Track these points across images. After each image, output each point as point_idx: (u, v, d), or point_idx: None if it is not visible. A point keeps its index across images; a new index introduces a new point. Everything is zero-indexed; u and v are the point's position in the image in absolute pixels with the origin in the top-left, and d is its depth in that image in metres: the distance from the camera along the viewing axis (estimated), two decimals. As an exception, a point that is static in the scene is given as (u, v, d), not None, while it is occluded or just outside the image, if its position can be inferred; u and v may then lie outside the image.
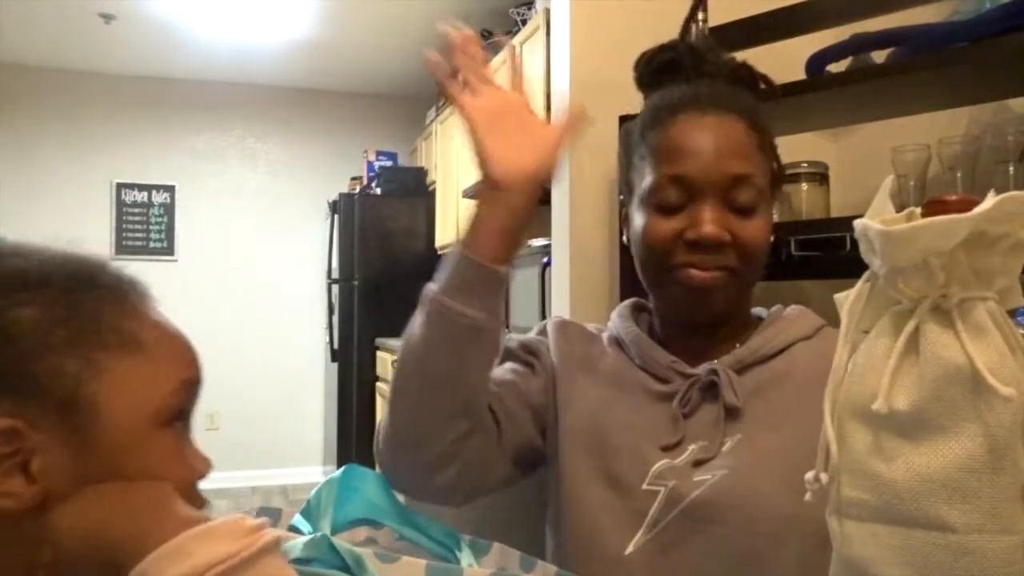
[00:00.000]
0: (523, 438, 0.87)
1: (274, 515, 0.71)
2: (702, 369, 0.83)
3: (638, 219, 0.85)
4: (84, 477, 0.50)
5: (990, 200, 0.43)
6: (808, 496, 0.48)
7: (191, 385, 0.57)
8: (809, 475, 0.48)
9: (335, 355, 4.55)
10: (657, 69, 0.91)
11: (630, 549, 0.77)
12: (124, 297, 0.56)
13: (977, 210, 0.43)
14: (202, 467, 0.58)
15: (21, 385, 0.50)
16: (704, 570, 0.75)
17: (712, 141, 0.81)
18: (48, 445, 0.50)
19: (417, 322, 0.78)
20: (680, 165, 0.81)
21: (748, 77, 0.92)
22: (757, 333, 0.87)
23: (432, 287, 0.77)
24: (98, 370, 0.52)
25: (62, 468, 0.50)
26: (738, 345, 0.86)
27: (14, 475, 0.49)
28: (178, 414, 0.56)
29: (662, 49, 0.91)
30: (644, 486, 0.79)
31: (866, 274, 0.48)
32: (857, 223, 0.47)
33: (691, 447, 0.80)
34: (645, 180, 0.84)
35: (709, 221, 0.79)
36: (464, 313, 0.74)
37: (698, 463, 0.78)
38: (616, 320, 0.95)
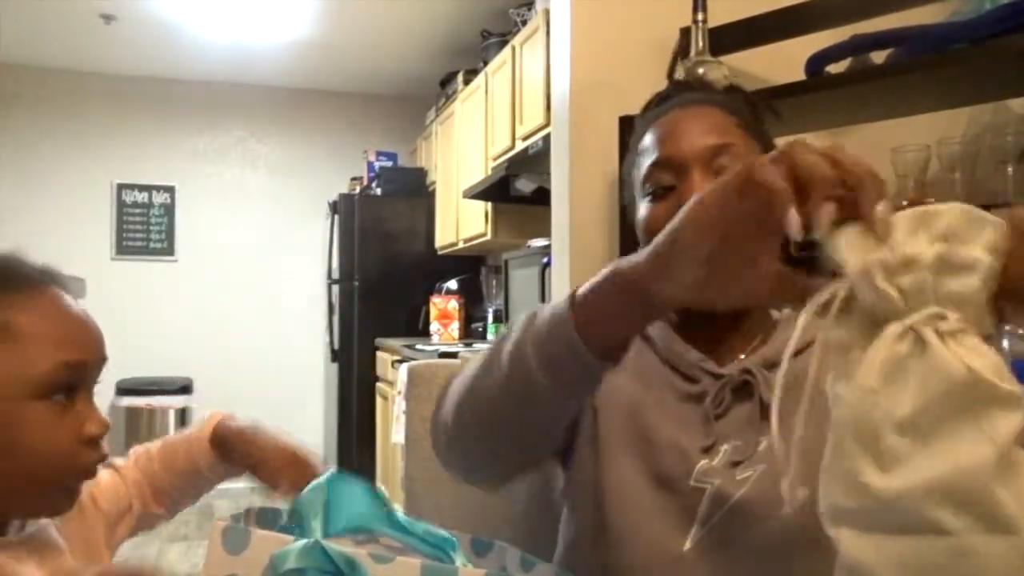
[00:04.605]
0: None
1: (276, 515, 0.71)
2: (733, 368, 0.83)
3: (640, 214, 0.88)
4: None
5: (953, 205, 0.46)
6: (787, 508, 0.49)
7: (76, 364, 0.66)
8: (786, 487, 0.49)
9: (335, 355, 4.55)
10: (654, 105, 0.96)
11: (688, 546, 0.77)
12: (16, 288, 0.66)
13: (946, 205, 0.45)
14: (94, 428, 0.66)
15: None
16: (761, 563, 0.75)
17: (691, 125, 0.86)
18: None
19: (503, 369, 0.68)
20: (664, 150, 0.85)
21: (738, 95, 0.97)
22: (779, 331, 0.86)
23: (531, 332, 0.65)
24: None
25: None
26: (758, 343, 0.86)
27: None
28: (59, 388, 0.65)
29: (654, 96, 0.99)
30: (691, 483, 0.79)
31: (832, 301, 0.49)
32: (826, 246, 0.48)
33: (724, 447, 0.80)
34: (640, 177, 0.88)
35: (696, 188, 0.82)
36: (553, 394, 0.66)
37: (735, 463, 0.78)
38: None
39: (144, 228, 4.95)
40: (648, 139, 0.88)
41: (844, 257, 0.48)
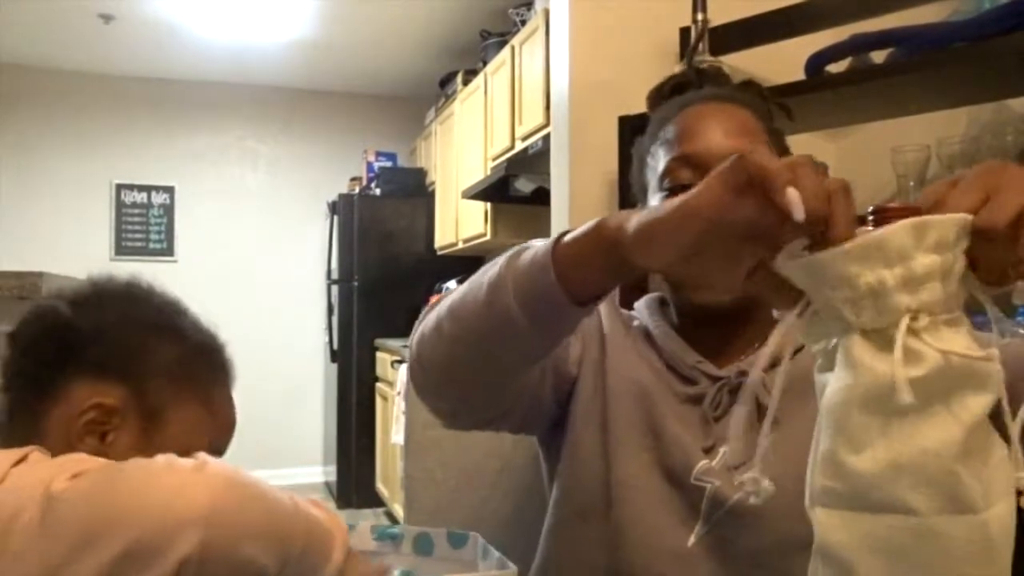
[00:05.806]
0: (536, 402, 0.85)
1: None
2: (731, 371, 0.83)
3: (651, 205, 0.86)
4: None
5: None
6: (753, 500, 0.52)
7: (216, 451, 0.77)
8: (748, 476, 0.51)
9: (335, 355, 4.55)
10: (669, 92, 0.95)
11: (692, 541, 0.78)
12: (223, 372, 0.80)
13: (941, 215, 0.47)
14: None
15: (138, 386, 0.71)
16: (760, 563, 0.76)
17: (718, 123, 0.84)
18: (125, 429, 0.69)
19: (481, 295, 0.69)
20: (687, 146, 0.84)
21: (756, 91, 0.96)
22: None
23: (513, 267, 0.67)
24: (180, 404, 0.73)
25: (122, 448, 0.69)
26: (758, 345, 0.85)
27: (94, 436, 0.68)
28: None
29: (671, 78, 0.97)
30: (692, 480, 0.80)
31: (802, 311, 0.51)
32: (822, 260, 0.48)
33: (723, 450, 0.80)
34: (658, 169, 0.86)
35: None
36: (527, 330, 0.66)
37: (734, 467, 0.79)
38: (644, 312, 0.94)
39: (144, 228, 4.95)
40: (671, 130, 0.86)
41: (806, 289, 0.50)
